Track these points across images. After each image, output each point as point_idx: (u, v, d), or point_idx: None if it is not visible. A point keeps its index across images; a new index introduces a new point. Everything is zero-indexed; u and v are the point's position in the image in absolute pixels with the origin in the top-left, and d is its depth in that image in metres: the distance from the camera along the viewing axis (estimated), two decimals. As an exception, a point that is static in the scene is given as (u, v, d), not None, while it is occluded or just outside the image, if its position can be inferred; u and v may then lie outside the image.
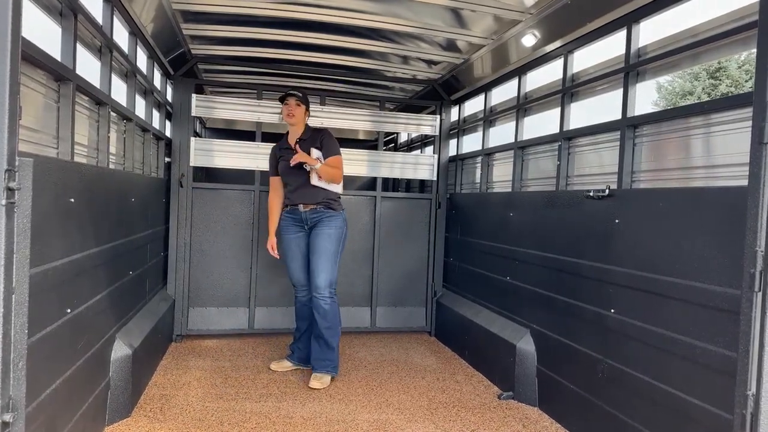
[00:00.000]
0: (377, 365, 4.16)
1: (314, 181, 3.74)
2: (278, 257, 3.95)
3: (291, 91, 3.88)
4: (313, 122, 4.87)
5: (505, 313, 3.92)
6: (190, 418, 3.04)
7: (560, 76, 3.59)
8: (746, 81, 19.24)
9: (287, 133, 3.98)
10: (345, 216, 3.89)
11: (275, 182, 3.99)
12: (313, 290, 3.71)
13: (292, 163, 3.63)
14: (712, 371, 2.15)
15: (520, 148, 4.08)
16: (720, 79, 20.00)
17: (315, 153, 3.76)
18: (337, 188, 3.87)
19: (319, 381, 3.64)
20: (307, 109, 3.94)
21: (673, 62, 2.78)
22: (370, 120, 5.11)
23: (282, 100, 3.88)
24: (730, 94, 17.41)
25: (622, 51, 3.00)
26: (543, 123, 3.99)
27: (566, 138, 3.50)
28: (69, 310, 2.24)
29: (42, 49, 2.08)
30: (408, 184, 6.49)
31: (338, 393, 3.54)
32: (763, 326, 1.64)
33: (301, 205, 3.79)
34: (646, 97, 21.79)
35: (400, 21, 3.68)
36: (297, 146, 3.80)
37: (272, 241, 3.98)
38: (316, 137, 3.85)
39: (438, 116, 5.18)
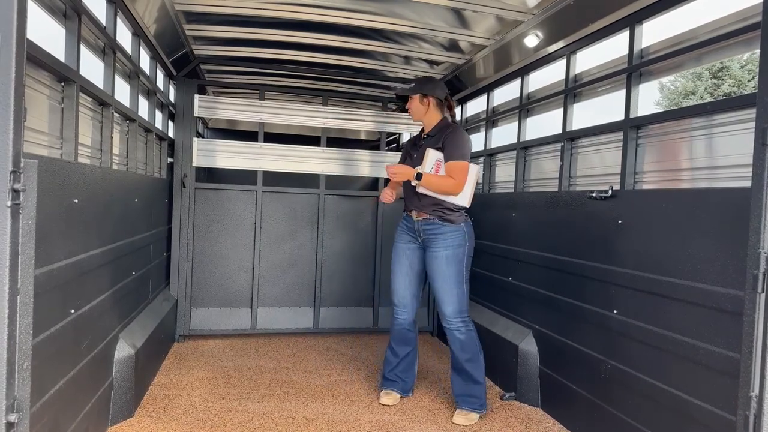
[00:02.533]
0: (380, 365, 4.16)
1: (420, 189, 3.20)
2: (387, 202, 3.36)
3: (398, 93, 3.44)
4: (315, 122, 4.91)
5: (508, 314, 3.92)
6: (193, 419, 3.04)
7: (563, 76, 3.59)
8: (749, 81, 19.22)
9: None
10: (468, 229, 3.25)
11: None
12: (442, 319, 3.27)
13: (390, 175, 3.24)
14: (715, 372, 2.15)
15: (523, 149, 4.08)
16: (723, 79, 19.98)
17: (432, 155, 3.20)
18: (458, 199, 3.19)
19: (465, 417, 3.19)
20: (426, 96, 3.29)
21: (675, 63, 2.78)
22: (373, 120, 5.12)
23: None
24: (732, 94, 17.38)
25: (625, 52, 3.00)
26: (546, 123, 3.99)
27: (569, 138, 3.50)
28: (73, 311, 2.25)
29: (46, 50, 2.09)
30: (410, 185, 6.49)
31: (340, 393, 3.55)
32: (766, 328, 1.64)
33: (414, 212, 3.30)
34: (649, 97, 21.80)
35: (402, 21, 3.68)
36: (422, 144, 3.33)
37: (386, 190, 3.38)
38: (441, 135, 3.24)
39: (440, 117, 5.17)
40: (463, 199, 3.19)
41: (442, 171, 3.18)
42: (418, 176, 3.15)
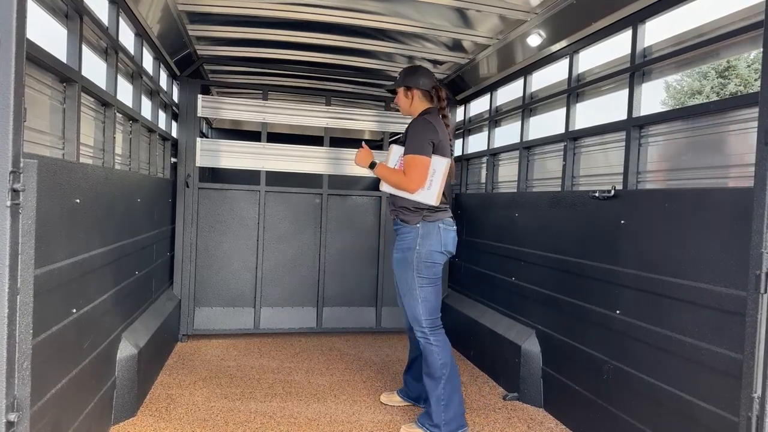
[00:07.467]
0: (382, 366, 4.16)
1: (382, 186, 3.01)
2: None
3: (387, 89, 3.23)
4: (318, 123, 4.90)
5: (511, 314, 3.90)
6: (196, 418, 3.05)
7: (566, 76, 3.58)
8: (755, 80, 19.10)
9: None
10: (425, 231, 2.87)
11: None
12: None
13: (357, 162, 3.08)
14: (718, 373, 2.14)
15: (526, 149, 4.07)
16: (729, 78, 19.88)
17: (396, 151, 3.01)
18: (423, 197, 2.86)
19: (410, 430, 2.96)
20: (410, 89, 3.03)
21: (679, 62, 2.76)
22: (376, 120, 5.12)
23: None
24: (739, 93, 17.28)
25: (628, 51, 2.98)
26: (548, 123, 3.98)
27: (572, 138, 3.49)
28: (75, 310, 2.25)
29: (47, 50, 2.09)
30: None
31: (343, 393, 3.55)
32: (769, 328, 1.62)
33: (389, 211, 3.12)
34: (655, 96, 21.70)
35: (406, 21, 3.68)
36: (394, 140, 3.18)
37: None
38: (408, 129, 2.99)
39: (443, 116, 5.16)
40: (430, 196, 2.85)
41: None
42: (372, 165, 2.99)
